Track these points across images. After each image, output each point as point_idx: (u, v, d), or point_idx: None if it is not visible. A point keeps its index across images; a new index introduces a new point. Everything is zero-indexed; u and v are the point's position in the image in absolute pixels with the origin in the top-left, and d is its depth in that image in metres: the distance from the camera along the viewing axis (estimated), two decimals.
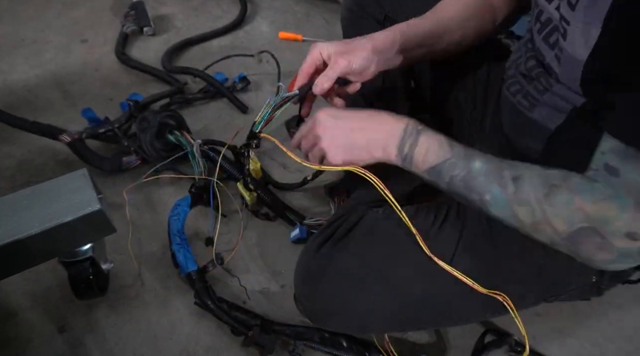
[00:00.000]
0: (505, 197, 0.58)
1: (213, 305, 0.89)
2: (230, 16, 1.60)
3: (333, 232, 0.77)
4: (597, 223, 0.53)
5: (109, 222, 0.73)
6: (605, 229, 0.52)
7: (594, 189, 0.53)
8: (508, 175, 0.58)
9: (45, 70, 1.41)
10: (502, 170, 0.59)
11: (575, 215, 0.54)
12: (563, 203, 0.54)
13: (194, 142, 1.08)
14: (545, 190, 0.55)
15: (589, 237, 0.54)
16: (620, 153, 0.50)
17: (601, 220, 0.52)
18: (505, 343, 0.90)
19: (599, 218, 0.53)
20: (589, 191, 0.53)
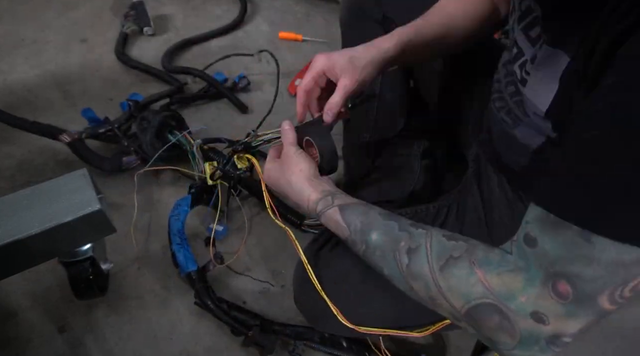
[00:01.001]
0: (399, 270, 0.55)
1: (213, 305, 0.89)
2: (230, 16, 1.60)
3: (332, 234, 0.77)
4: (499, 298, 0.46)
5: (109, 222, 0.73)
6: (508, 305, 0.46)
7: (502, 260, 0.48)
8: (403, 247, 0.55)
9: (45, 70, 1.41)
10: (398, 242, 0.55)
11: (474, 289, 0.48)
12: (461, 276, 0.49)
13: (194, 142, 1.08)
14: (442, 262, 0.51)
15: (489, 315, 0.47)
16: (541, 223, 0.44)
17: (504, 295, 0.46)
18: None
19: (501, 292, 0.46)
20: (496, 262, 0.48)
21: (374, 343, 0.88)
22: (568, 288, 0.43)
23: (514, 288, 0.46)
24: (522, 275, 0.45)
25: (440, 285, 0.50)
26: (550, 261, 0.43)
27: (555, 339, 0.45)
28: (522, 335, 0.46)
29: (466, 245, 0.51)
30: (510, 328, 0.46)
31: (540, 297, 0.44)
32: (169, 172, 1.16)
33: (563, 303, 0.43)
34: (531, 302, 0.45)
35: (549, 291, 0.44)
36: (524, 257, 0.46)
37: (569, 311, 0.43)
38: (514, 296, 0.45)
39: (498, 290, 0.46)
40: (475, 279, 0.48)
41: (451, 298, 0.50)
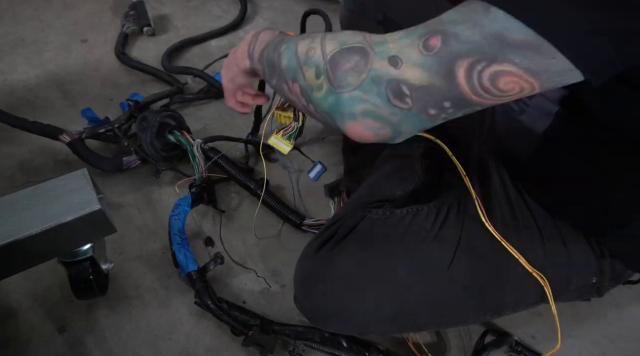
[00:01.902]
0: (295, 39, 0.56)
1: (213, 305, 0.89)
2: (230, 16, 1.60)
3: (333, 233, 0.77)
4: (371, 44, 0.47)
5: (109, 222, 0.73)
6: (374, 48, 0.46)
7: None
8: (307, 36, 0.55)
9: (45, 70, 1.41)
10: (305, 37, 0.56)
11: (353, 37, 0.49)
12: (348, 33, 0.50)
13: (194, 141, 1.08)
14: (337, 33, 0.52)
15: (350, 57, 0.47)
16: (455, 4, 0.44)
17: (377, 41, 0.47)
18: (505, 343, 0.90)
19: (375, 40, 0.47)
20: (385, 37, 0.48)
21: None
22: (438, 42, 0.42)
23: (389, 38, 0.46)
24: (405, 31, 0.46)
25: (327, 36, 0.51)
26: (440, 21, 0.43)
27: (395, 84, 0.45)
28: (368, 74, 0.46)
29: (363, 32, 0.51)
30: (362, 67, 0.46)
31: (408, 46, 0.44)
32: (169, 172, 1.16)
33: (424, 53, 0.43)
34: (396, 48, 0.45)
35: (419, 43, 0.44)
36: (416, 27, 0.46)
37: (425, 62, 0.43)
38: (385, 42, 0.46)
39: (374, 39, 0.47)
40: (360, 34, 0.49)
41: (327, 44, 0.50)
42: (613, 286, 0.77)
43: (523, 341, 0.92)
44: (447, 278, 0.72)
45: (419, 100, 0.45)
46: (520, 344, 0.91)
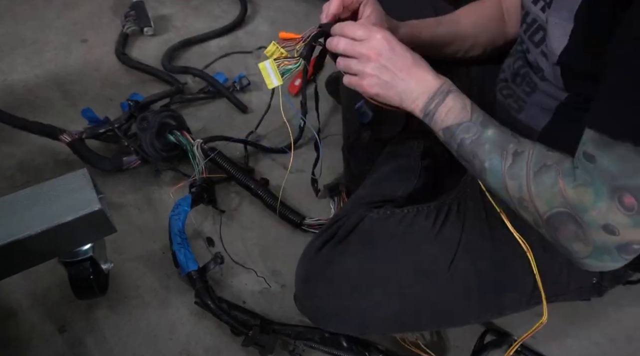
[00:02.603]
0: (501, 168, 0.59)
1: (213, 305, 0.89)
2: (230, 16, 1.60)
3: (333, 233, 0.77)
4: (574, 209, 0.52)
5: (109, 222, 0.73)
6: (582, 216, 0.51)
7: (576, 174, 0.53)
8: (512, 148, 0.59)
9: (45, 70, 1.41)
10: (508, 143, 0.60)
11: (556, 197, 0.54)
12: (548, 183, 0.54)
13: (194, 141, 1.08)
14: (537, 169, 0.56)
15: (566, 223, 0.53)
16: (596, 142, 0.51)
17: (578, 206, 0.52)
18: (505, 343, 0.90)
19: (575, 203, 0.52)
20: (572, 175, 0.53)
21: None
22: (632, 200, 0.48)
23: (585, 202, 0.51)
24: (591, 188, 0.50)
25: (531, 188, 0.56)
26: (611, 175, 0.49)
27: (625, 247, 0.51)
28: (595, 244, 0.52)
29: (559, 155, 0.56)
30: (584, 238, 0.52)
31: (609, 211, 0.49)
32: (169, 171, 1.16)
33: (630, 214, 0.49)
34: (602, 216, 0.50)
35: (617, 205, 0.49)
36: (587, 171, 0.51)
37: (636, 222, 0.49)
38: (586, 210, 0.51)
39: (572, 202, 0.52)
40: (557, 188, 0.53)
41: (537, 202, 0.55)
42: (613, 286, 0.77)
43: (523, 341, 0.92)
44: (447, 278, 0.72)
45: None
46: (520, 344, 0.91)
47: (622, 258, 0.52)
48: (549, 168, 0.55)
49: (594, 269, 0.55)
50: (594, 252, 0.52)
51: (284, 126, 1.23)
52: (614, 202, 0.49)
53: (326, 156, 1.22)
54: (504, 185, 0.59)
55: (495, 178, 0.60)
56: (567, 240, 0.54)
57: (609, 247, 0.51)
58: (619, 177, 0.49)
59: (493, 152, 0.60)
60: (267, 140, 1.26)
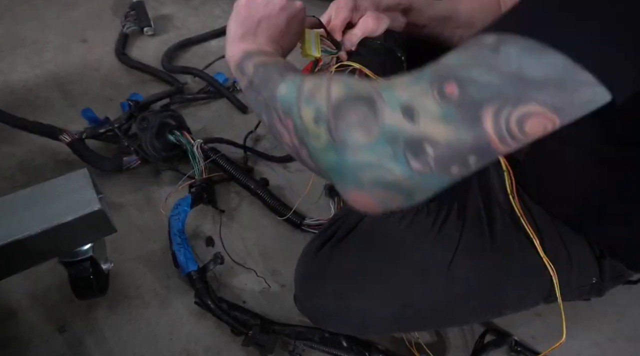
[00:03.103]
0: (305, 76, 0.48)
1: (213, 305, 0.89)
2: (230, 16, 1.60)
3: (333, 233, 0.77)
4: (377, 89, 0.41)
5: (109, 222, 0.73)
6: (382, 94, 0.41)
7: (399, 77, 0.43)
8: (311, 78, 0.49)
9: (45, 70, 1.41)
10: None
11: (360, 85, 0.43)
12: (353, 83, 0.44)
13: (194, 141, 1.08)
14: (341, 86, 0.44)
15: (356, 106, 0.41)
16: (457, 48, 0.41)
17: (384, 86, 0.42)
18: (505, 343, 0.90)
19: (383, 84, 0.42)
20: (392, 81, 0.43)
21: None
22: (455, 89, 0.38)
23: (396, 83, 0.41)
24: (411, 76, 0.41)
25: (334, 78, 0.45)
26: (447, 67, 0.40)
27: (415, 145, 0.39)
28: (381, 130, 0.39)
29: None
30: (371, 121, 0.40)
31: (421, 93, 0.39)
32: (169, 171, 1.16)
33: (442, 104, 0.38)
34: (408, 95, 0.39)
35: (434, 91, 0.39)
36: (421, 69, 0.41)
37: (447, 114, 0.38)
38: (393, 88, 0.41)
39: (381, 85, 0.42)
40: (365, 83, 0.43)
41: (334, 86, 0.43)
42: (613, 286, 0.77)
43: (523, 341, 0.92)
44: (447, 277, 0.72)
45: (441, 159, 0.39)
46: (520, 344, 0.91)
47: (405, 160, 0.39)
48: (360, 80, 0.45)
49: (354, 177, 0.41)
50: (375, 141, 0.39)
51: None
52: (433, 86, 0.39)
53: None
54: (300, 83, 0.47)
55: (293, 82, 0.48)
56: (347, 127, 0.40)
57: (398, 137, 0.39)
58: (454, 67, 0.39)
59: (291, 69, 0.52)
60: (266, 140, 1.26)
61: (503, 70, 0.37)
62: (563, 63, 0.37)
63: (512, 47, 0.37)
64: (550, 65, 0.37)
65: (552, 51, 0.36)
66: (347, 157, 0.41)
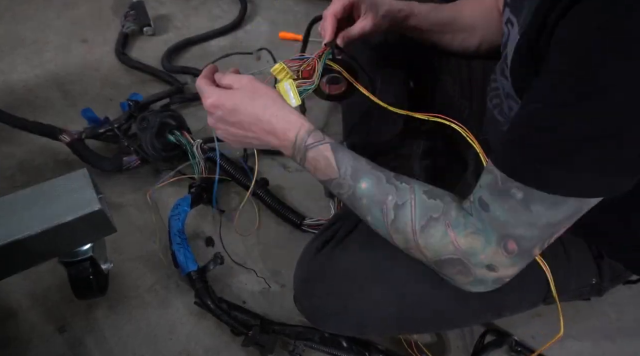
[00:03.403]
0: (384, 223, 0.61)
1: (213, 305, 0.89)
2: (230, 16, 1.60)
3: (333, 233, 0.77)
4: (464, 255, 0.57)
5: (109, 222, 0.73)
6: (470, 260, 0.57)
7: (467, 223, 0.57)
8: (391, 201, 0.60)
9: (45, 70, 1.41)
10: (387, 195, 0.60)
11: (446, 247, 0.58)
12: (437, 236, 0.58)
13: (194, 141, 1.08)
14: (423, 223, 0.59)
15: (453, 266, 0.59)
16: (492, 189, 0.55)
17: (468, 252, 0.57)
18: (505, 343, 0.90)
19: (466, 250, 0.57)
20: (463, 225, 0.57)
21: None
22: (514, 246, 0.55)
23: (475, 247, 0.57)
24: (482, 237, 0.56)
25: (419, 242, 0.59)
26: (500, 224, 0.55)
27: (499, 280, 0.60)
28: (475, 278, 0.59)
29: (442, 205, 0.59)
30: (467, 273, 0.59)
31: (495, 254, 0.56)
32: (169, 172, 1.16)
33: (510, 257, 0.56)
34: (488, 258, 0.57)
35: (501, 249, 0.56)
36: (481, 219, 0.56)
37: (513, 262, 0.57)
38: (476, 254, 0.57)
39: (464, 249, 0.57)
40: (447, 240, 0.58)
41: (426, 252, 0.60)
42: (613, 286, 0.77)
43: (523, 341, 0.92)
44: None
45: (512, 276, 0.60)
46: (520, 344, 0.91)
47: (494, 286, 0.60)
48: (436, 222, 0.58)
49: (468, 290, 0.62)
50: (472, 282, 0.60)
51: None
52: (500, 247, 0.56)
53: None
54: (390, 236, 0.62)
55: (381, 230, 0.63)
56: (451, 275, 0.60)
57: (487, 280, 0.59)
58: (506, 225, 0.55)
59: (372, 207, 0.61)
60: None
61: (538, 225, 0.54)
62: (577, 203, 0.52)
63: (539, 205, 0.52)
64: (569, 207, 0.53)
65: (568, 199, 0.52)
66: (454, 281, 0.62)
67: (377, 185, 0.61)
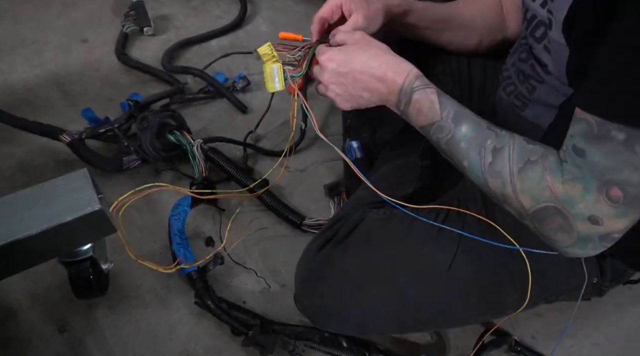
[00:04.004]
0: (481, 166, 0.59)
1: (213, 305, 0.89)
2: (230, 16, 1.60)
3: (334, 233, 0.77)
4: (562, 204, 0.53)
5: (109, 222, 0.73)
6: (569, 210, 0.53)
7: (564, 170, 0.54)
8: (490, 144, 0.59)
9: (45, 70, 1.41)
10: (486, 139, 0.59)
11: (543, 193, 0.54)
12: (534, 179, 0.55)
13: (194, 141, 1.08)
14: (521, 165, 0.56)
15: (552, 216, 0.54)
16: (586, 135, 0.51)
17: (567, 200, 0.53)
18: (505, 343, 0.90)
19: (564, 198, 0.53)
20: (559, 170, 0.54)
21: None
22: (619, 193, 0.50)
23: (574, 196, 0.53)
24: (581, 184, 0.52)
25: (516, 185, 0.56)
26: (600, 170, 0.51)
27: (607, 236, 0.54)
28: (579, 234, 0.54)
29: (542, 149, 0.56)
30: (568, 229, 0.54)
31: (596, 203, 0.51)
32: (169, 172, 1.16)
33: (615, 206, 0.51)
34: (589, 208, 0.52)
35: (603, 197, 0.51)
36: (577, 166, 0.52)
37: (620, 212, 0.52)
38: (575, 203, 0.53)
39: (562, 197, 0.53)
40: (544, 184, 0.54)
41: (522, 198, 0.56)
42: (614, 286, 0.77)
43: (523, 341, 0.92)
44: (447, 278, 0.72)
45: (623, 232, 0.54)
46: (520, 344, 0.91)
47: (603, 246, 0.55)
48: (534, 164, 0.55)
49: (575, 256, 0.58)
50: (578, 241, 0.54)
51: (283, 126, 1.23)
52: (601, 194, 0.51)
53: (326, 156, 1.22)
54: (485, 182, 0.59)
55: (476, 176, 0.60)
56: (551, 231, 0.55)
57: (593, 237, 0.54)
58: (607, 170, 0.50)
59: (470, 150, 0.60)
60: (266, 140, 1.26)
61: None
62: None
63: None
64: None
65: None
66: (558, 247, 0.57)
67: (477, 129, 0.60)
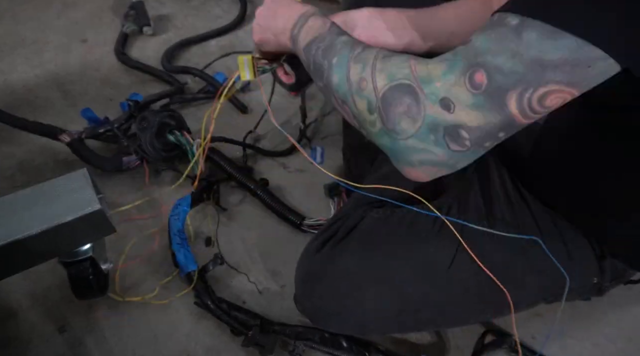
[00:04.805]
0: (348, 57, 0.55)
1: (213, 305, 0.89)
2: (230, 16, 1.60)
3: (334, 233, 0.77)
4: (418, 81, 0.48)
5: (109, 222, 0.73)
6: (423, 88, 0.48)
7: (437, 57, 0.49)
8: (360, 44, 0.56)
9: (45, 70, 1.41)
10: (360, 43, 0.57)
11: (400, 71, 0.50)
12: (395, 62, 0.51)
13: (194, 141, 1.08)
14: (388, 54, 0.53)
15: (402, 97, 0.48)
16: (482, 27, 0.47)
17: (424, 78, 0.48)
18: (505, 343, 0.90)
19: (421, 75, 0.48)
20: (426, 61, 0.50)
21: None
22: (484, 78, 0.45)
23: (433, 74, 0.48)
24: (446, 63, 0.47)
25: (376, 65, 0.52)
26: (476, 52, 0.45)
27: (453, 131, 0.47)
28: (424, 121, 0.48)
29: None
30: (415, 113, 0.48)
31: (454, 84, 0.46)
32: (169, 171, 1.16)
33: (474, 93, 0.45)
34: (445, 88, 0.47)
35: (465, 80, 0.45)
36: (455, 51, 0.48)
37: (477, 102, 0.45)
38: (431, 80, 0.48)
39: (420, 74, 0.48)
40: (406, 65, 0.50)
41: (378, 78, 0.51)
42: (614, 286, 0.77)
43: (523, 341, 0.92)
44: (447, 277, 0.72)
45: (476, 140, 0.47)
46: (520, 344, 0.91)
47: (445, 144, 0.48)
48: (401, 54, 0.52)
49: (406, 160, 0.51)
50: (420, 130, 0.48)
51: (283, 126, 1.23)
52: (464, 76, 0.46)
53: (326, 156, 1.22)
54: (347, 72, 0.54)
55: (340, 69, 0.55)
56: (395, 117, 0.49)
57: (438, 126, 0.47)
58: (484, 53, 0.45)
59: (344, 48, 0.57)
60: (266, 140, 1.26)
61: (525, 57, 0.43)
62: (577, 43, 0.41)
63: (532, 32, 0.42)
64: (565, 47, 0.41)
65: (567, 34, 0.41)
66: (399, 142, 0.50)
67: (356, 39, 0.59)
